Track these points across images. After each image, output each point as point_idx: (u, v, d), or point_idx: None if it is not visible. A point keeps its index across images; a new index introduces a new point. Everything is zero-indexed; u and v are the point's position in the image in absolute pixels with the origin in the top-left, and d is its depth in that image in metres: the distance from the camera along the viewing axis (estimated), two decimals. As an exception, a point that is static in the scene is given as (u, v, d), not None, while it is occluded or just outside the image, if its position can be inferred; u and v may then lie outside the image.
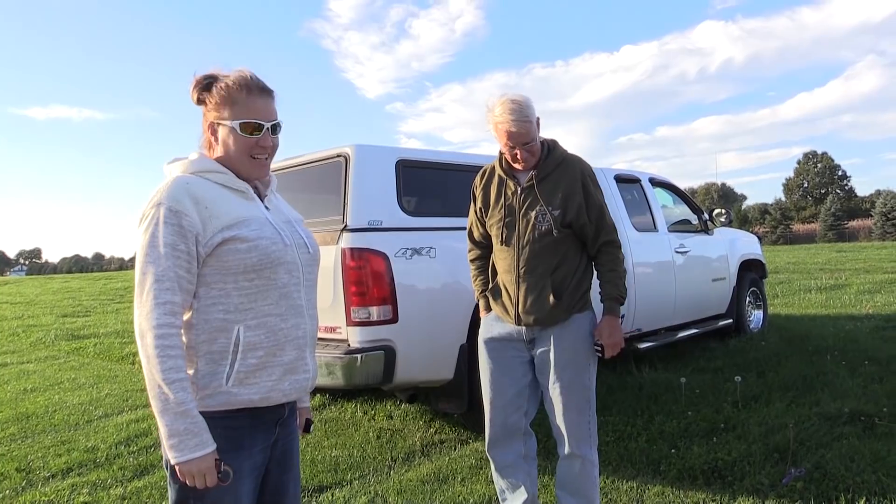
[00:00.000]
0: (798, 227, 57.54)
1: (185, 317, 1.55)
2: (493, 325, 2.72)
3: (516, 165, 2.61)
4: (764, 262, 7.71)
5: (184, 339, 1.55)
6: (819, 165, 72.15)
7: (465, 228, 4.20)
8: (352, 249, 3.66)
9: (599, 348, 2.61)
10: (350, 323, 3.68)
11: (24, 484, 3.83)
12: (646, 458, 3.60)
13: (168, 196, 1.52)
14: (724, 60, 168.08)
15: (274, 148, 1.68)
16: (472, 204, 2.85)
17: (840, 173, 71.70)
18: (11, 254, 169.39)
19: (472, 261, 2.92)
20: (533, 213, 2.57)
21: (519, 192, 2.62)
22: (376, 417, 4.79)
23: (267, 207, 1.70)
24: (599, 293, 2.67)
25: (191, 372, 1.54)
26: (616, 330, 2.61)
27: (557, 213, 2.56)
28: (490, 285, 2.76)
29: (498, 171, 2.70)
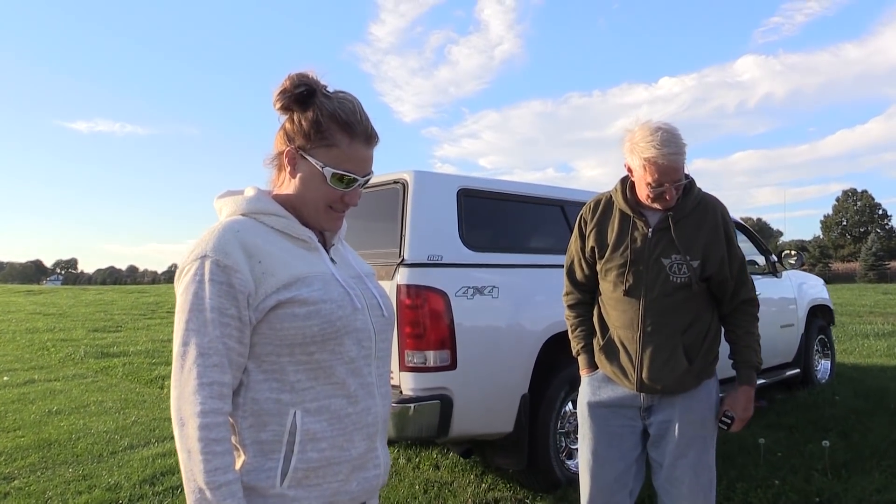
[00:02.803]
0: (837, 265, 56.16)
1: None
2: (602, 387, 2.30)
3: (656, 205, 2.16)
4: (832, 307, 7.19)
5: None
6: (859, 203, 70.69)
7: (530, 266, 3.88)
8: (409, 286, 3.30)
9: (729, 421, 2.21)
10: (403, 368, 3.31)
11: (40, 527, 3.51)
12: (734, 536, 3.16)
13: (215, 247, 1.19)
14: (765, 95, 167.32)
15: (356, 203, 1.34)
16: (576, 239, 2.39)
17: (880, 212, 70.17)
18: (48, 263, 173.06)
19: (570, 306, 2.46)
20: (667, 262, 2.16)
21: (650, 234, 2.19)
22: (421, 466, 4.39)
23: (332, 259, 1.36)
24: (730, 357, 2.28)
25: (236, 466, 1.20)
26: (751, 403, 2.22)
27: (696, 265, 2.15)
28: (601, 341, 2.31)
29: (621, 205, 2.25)
